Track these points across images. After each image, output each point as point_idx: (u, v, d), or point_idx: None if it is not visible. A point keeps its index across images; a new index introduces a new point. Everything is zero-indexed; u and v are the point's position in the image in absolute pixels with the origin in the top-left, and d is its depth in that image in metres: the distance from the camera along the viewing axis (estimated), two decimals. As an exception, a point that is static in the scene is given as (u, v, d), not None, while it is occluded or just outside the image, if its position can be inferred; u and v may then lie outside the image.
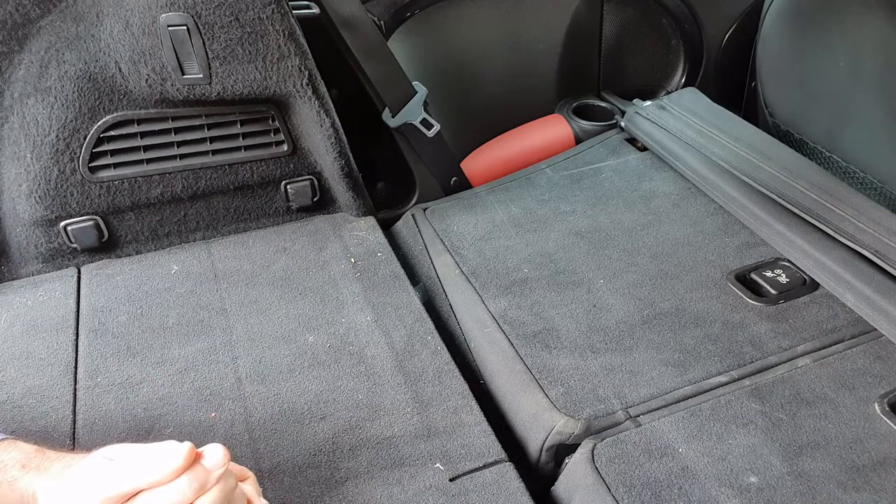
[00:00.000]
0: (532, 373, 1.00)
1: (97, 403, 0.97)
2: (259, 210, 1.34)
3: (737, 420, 0.91)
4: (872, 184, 1.32)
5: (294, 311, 1.13)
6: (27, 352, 1.06)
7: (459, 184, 1.51)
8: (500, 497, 0.83)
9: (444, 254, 1.26)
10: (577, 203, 1.37)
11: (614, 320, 1.08)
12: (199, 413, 0.95)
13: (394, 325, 1.10)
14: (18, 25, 1.08)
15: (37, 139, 1.14)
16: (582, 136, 1.64)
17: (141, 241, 1.28)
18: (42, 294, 1.17)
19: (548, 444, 0.91)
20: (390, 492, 0.84)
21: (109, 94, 1.15)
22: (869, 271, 1.10)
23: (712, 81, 1.79)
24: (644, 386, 0.97)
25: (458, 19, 1.56)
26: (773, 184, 1.26)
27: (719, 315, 1.08)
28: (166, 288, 1.18)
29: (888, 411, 0.91)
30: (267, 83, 1.17)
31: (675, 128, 1.48)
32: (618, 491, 0.82)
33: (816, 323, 1.06)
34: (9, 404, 0.97)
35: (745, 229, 1.26)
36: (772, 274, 1.15)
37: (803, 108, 1.49)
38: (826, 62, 1.40)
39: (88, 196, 1.20)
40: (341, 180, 1.32)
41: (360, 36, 1.33)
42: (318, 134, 1.26)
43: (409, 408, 0.96)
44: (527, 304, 1.12)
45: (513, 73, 1.67)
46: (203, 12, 1.09)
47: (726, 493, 0.81)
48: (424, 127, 1.42)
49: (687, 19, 1.72)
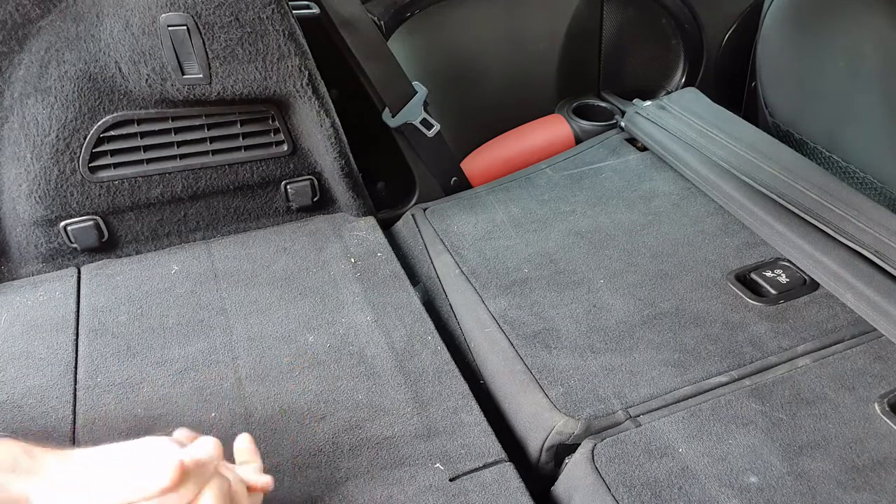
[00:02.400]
0: (532, 373, 1.00)
1: (97, 403, 0.97)
2: (259, 210, 1.34)
3: (737, 420, 0.91)
4: (872, 184, 1.32)
5: (294, 311, 1.13)
6: (27, 352, 1.06)
7: (459, 184, 1.51)
8: (500, 497, 0.83)
9: (444, 254, 1.26)
10: (577, 203, 1.37)
11: (614, 320, 1.08)
12: (199, 413, 0.95)
13: (394, 325, 1.10)
14: (18, 25, 1.08)
15: (37, 139, 1.14)
16: (582, 136, 1.64)
17: (141, 241, 1.28)
18: (42, 294, 1.17)
19: (548, 444, 0.91)
20: (390, 492, 0.84)
21: (109, 94, 1.15)
22: (869, 271, 1.10)
23: (712, 81, 1.79)
24: (644, 386, 0.97)
25: (458, 19, 1.56)
26: (773, 184, 1.26)
27: (719, 315, 1.08)
28: (166, 288, 1.18)
29: (888, 411, 0.91)
30: (267, 83, 1.17)
31: (675, 128, 1.48)
32: (618, 491, 0.82)
33: (816, 323, 1.06)
34: (9, 404, 0.97)
35: (745, 229, 1.26)
36: (772, 274, 1.15)
37: (803, 108, 1.49)
38: (826, 62, 1.40)
39: (88, 196, 1.20)
40: (341, 180, 1.32)
41: (360, 36, 1.33)
42: (318, 134, 1.26)
43: (409, 408, 0.96)
44: (527, 304, 1.12)
45: (513, 73, 1.67)
46: (203, 12, 1.09)
47: (726, 493, 0.81)
48: (424, 127, 1.42)
49: (687, 19, 1.72)
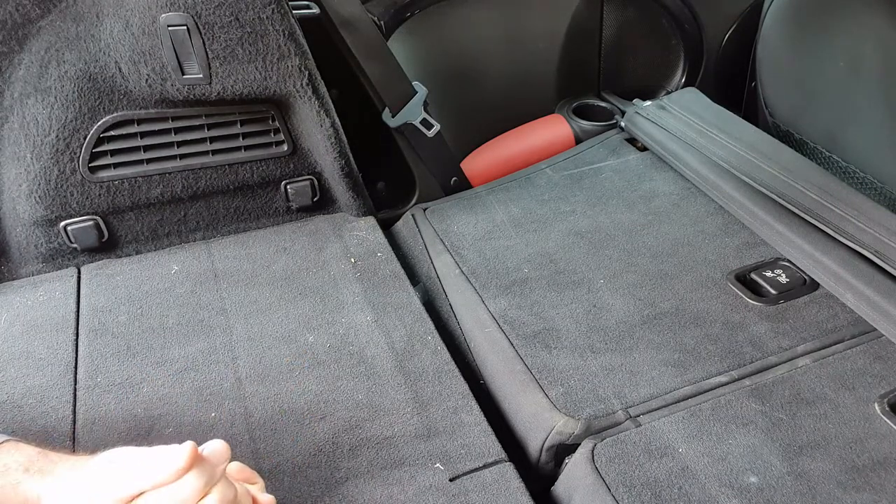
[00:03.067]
0: (532, 373, 1.00)
1: (97, 403, 0.97)
2: (259, 210, 1.34)
3: (737, 420, 0.91)
4: (872, 184, 1.32)
5: (294, 311, 1.13)
6: (27, 352, 1.06)
7: (459, 184, 1.51)
8: (500, 497, 0.83)
9: (444, 254, 1.26)
10: (577, 203, 1.36)
11: (614, 320, 1.08)
12: (199, 413, 0.95)
13: (394, 325, 1.10)
14: (18, 25, 1.08)
15: (37, 139, 1.14)
16: (582, 136, 1.64)
17: (141, 241, 1.28)
18: (42, 294, 1.17)
19: (548, 444, 0.91)
20: (390, 492, 0.84)
21: (109, 94, 1.15)
22: (869, 271, 1.09)
23: (712, 81, 1.79)
24: (644, 386, 0.97)
25: (458, 19, 1.56)
26: (773, 184, 1.26)
27: (719, 315, 1.08)
28: (166, 288, 1.18)
29: (888, 411, 0.91)
30: (267, 83, 1.17)
31: (675, 128, 1.48)
32: (618, 491, 0.82)
33: (816, 323, 1.06)
34: (9, 404, 0.97)
35: (745, 229, 1.26)
36: (772, 274, 1.15)
37: (803, 108, 1.49)
38: (826, 62, 1.40)
39: (88, 196, 1.20)
40: (341, 180, 1.32)
41: (360, 36, 1.33)
42: (318, 134, 1.26)
43: (409, 408, 0.96)
44: (527, 304, 1.12)
45: (513, 73, 1.67)
46: (203, 12, 1.09)
47: (726, 493, 0.81)
48: (424, 127, 1.42)
49: (687, 19, 1.72)
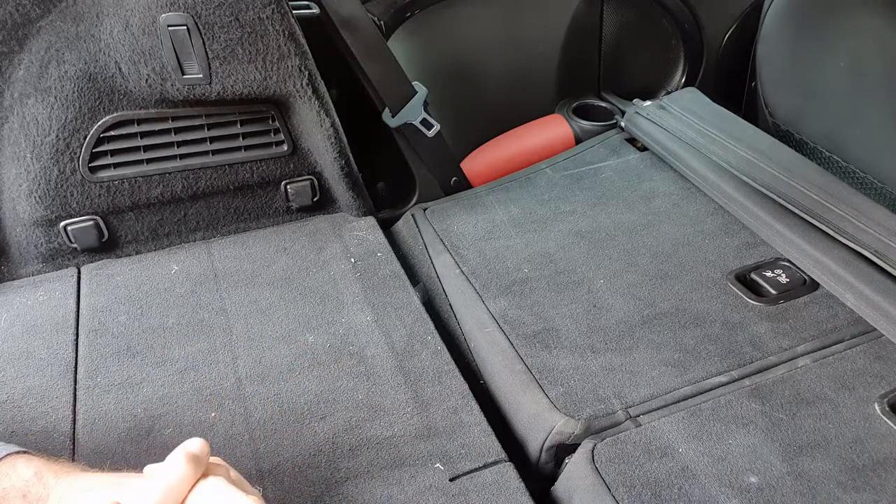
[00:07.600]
0: (532, 373, 1.00)
1: (97, 403, 0.97)
2: (259, 210, 1.34)
3: (737, 420, 0.91)
4: (872, 184, 1.32)
5: (294, 311, 1.13)
6: (27, 352, 1.06)
7: (459, 184, 1.51)
8: (500, 497, 0.83)
9: (444, 254, 1.26)
10: (577, 203, 1.36)
11: (614, 320, 1.08)
12: (199, 413, 0.95)
13: (394, 325, 1.10)
14: (18, 25, 1.08)
15: (37, 139, 1.14)
16: (582, 136, 1.64)
17: (141, 241, 1.28)
18: (42, 294, 1.17)
19: (548, 444, 0.91)
20: (390, 492, 0.84)
21: (109, 94, 1.15)
22: (869, 271, 1.09)
23: (712, 81, 1.79)
24: (644, 386, 0.97)
25: (458, 19, 1.56)
26: (773, 184, 1.26)
27: (719, 315, 1.08)
28: (166, 288, 1.18)
29: (888, 411, 0.91)
30: (267, 83, 1.17)
31: (675, 128, 1.48)
32: (618, 491, 0.82)
33: (816, 323, 1.06)
34: (9, 404, 0.97)
35: (745, 229, 1.26)
36: (772, 274, 1.15)
37: (803, 108, 1.49)
38: (826, 62, 1.40)
39: (88, 196, 1.20)
40: (341, 180, 1.32)
41: (360, 36, 1.33)
42: (318, 134, 1.26)
43: (409, 408, 0.95)
44: (527, 304, 1.12)
45: (513, 73, 1.67)
46: (203, 12, 1.09)
47: (726, 493, 0.81)
48: (424, 127, 1.41)
49: (687, 19, 1.72)
